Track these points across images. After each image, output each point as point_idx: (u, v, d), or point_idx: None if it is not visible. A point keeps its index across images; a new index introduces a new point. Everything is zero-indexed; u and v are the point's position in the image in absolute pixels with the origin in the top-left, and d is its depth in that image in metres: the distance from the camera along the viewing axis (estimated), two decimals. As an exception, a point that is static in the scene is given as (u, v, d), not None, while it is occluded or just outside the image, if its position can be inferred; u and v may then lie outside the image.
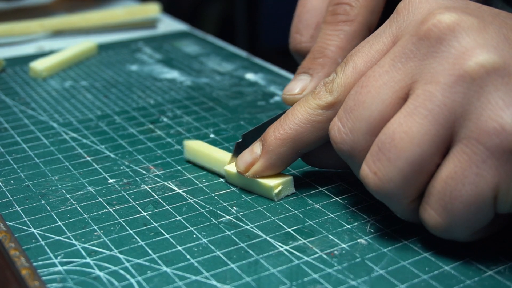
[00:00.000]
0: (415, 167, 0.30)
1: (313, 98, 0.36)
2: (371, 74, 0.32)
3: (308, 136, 0.36)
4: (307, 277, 0.31)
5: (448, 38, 0.30)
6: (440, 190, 0.30)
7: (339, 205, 0.37)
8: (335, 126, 0.33)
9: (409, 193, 0.31)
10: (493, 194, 0.29)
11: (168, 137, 0.46)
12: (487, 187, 0.29)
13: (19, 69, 0.60)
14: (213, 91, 0.55)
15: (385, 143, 0.31)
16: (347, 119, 0.33)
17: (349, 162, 0.34)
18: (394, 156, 0.30)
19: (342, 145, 0.33)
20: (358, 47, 0.35)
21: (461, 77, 0.29)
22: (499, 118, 0.28)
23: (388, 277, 0.31)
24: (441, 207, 0.30)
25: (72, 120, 0.49)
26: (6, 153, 0.43)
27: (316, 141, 0.36)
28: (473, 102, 0.29)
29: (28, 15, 0.74)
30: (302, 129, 0.36)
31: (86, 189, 0.39)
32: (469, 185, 0.29)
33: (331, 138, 0.34)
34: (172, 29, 0.73)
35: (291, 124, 0.36)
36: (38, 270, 0.31)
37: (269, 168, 0.37)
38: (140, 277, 0.31)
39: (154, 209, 0.37)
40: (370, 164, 0.31)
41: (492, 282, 0.30)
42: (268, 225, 0.35)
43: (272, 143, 0.36)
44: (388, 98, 0.31)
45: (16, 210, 0.36)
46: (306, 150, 0.37)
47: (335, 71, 0.35)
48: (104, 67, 0.61)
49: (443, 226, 0.31)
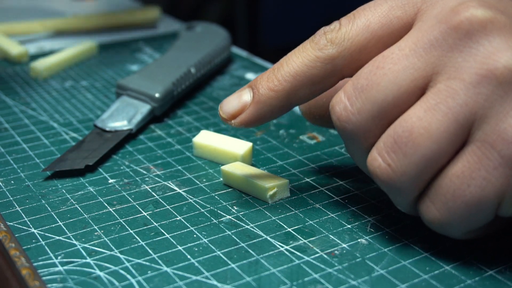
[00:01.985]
0: (429, 163, 0.29)
1: (311, 48, 0.32)
2: (389, 56, 0.30)
3: (303, 90, 0.33)
4: (307, 277, 0.31)
5: (478, 35, 0.29)
6: (444, 186, 0.29)
7: (340, 205, 0.37)
8: (341, 103, 0.31)
9: (418, 187, 0.30)
10: (497, 200, 0.29)
11: (168, 137, 0.46)
12: (493, 192, 0.28)
13: (19, 69, 0.60)
14: (213, 90, 0.55)
15: (402, 136, 0.29)
16: (356, 98, 0.31)
17: (348, 141, 0.32)
18: (411, 151, 0.29)
19: (347, 124, 0.31)
20: (373, 4, 0.32)
21: (487, 78, 0.28)
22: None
23: (388, 277, 0.31)
24: (442, 203, 0.30)
25: (73, 120, 0.49)
26: (6, 153, 0.43)
27: (311, 96, 0.34)
28: (495, 106, 0.28)
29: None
30: (298, 82, 0.33)
31: (86, 189, 0.39)
32: (474, 187, 0.29)
33: (334, 113, 0.32)
34: (172, 29, 0.73)
35: (286, 76, 0.33)
36: (39, 270, 0.31)
37: (257, 119, 0.34)
38: (140, 277, 0.31)
39: (154, 209, 0.37)
40: (383, 155, 0.30)
41: (493, 281, 0.30)
42: (269, 224, 0.35)
43: (264, 94, 0.34)
44: (406, 85, 0.30)
45: (17, 210, 0.36)
46: (299, 104, 0.35)
47: (339, 21, 0.32)
48: (104, 67, 0.61)
49: (440, 221, 0.30)
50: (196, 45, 0.58)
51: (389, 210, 0.36)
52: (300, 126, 0.47)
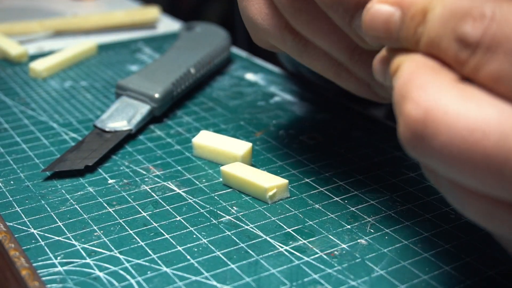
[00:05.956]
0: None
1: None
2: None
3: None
4: (307, 278, 0.31)
5: None
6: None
7: (339, 206, 0.37)
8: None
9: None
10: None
11: (168, 137, 0.46)
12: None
13: (19, 69, 0.60)
14: (213, 91, 0.55)
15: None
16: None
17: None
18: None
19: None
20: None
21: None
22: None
23: (388, 278, 0.31)
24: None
25: (72, 120, 0.49)
26: (6, 154, 0.43)
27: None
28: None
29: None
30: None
31: (86, 189, 0.39)
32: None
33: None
34: (172, 30, 0.73)
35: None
36: (38, 271, 0.31)
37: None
38: (140, 277, 0.31)
39: (154, 209, 0.37)
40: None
41: (493, 282, 0.30)
42: (268, 225, 0.35)
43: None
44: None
45: (16, 210, 0.36)
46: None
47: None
48: (104, 67, 0.61)
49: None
50: (196, 45, 0.58)
51: (389, 211, 0.36)
52: (300, 127, 0.47)
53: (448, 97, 0.22)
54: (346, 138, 0.45)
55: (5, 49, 0.62)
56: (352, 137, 0.46)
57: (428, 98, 0.22)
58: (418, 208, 0.36)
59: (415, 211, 0.36)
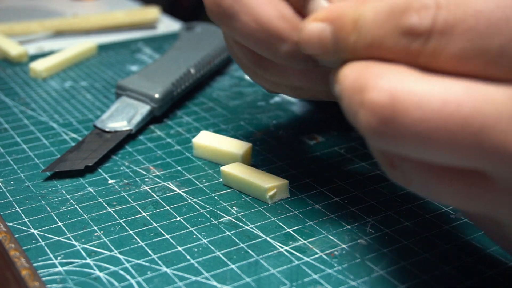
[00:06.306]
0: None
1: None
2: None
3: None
4: (307, 278, 0.31)
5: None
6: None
7: (339, 206, 0.37)
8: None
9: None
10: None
11: (168, 138, 0.46)
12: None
13: (19, 70, 0.60)
14: (213, 91, 0.55)
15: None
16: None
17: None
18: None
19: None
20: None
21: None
22: None
23: (388, 278, 0.31)
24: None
25: (72, 120, 0.49)
26: (6, 154, 0.43)
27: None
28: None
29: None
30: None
31: (86, 189, 0.39)
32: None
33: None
34: (172, 30, 0.73)
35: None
36: (38, 271, 0.31)
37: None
38: (140, 277, 0.31)
39: (154, 209, 0.37)
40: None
41: (493, 282, 0.30)
42: (268, 225, 0.35)
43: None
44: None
45: (16, 210, 0.36)
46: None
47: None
48: (104, 67, 0.61)
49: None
50: (196, 45, 0.58)
51: (389, 211, 0.36)
52: (300, 127, 0.47)
53: (411, 79, 0.23)
54: (346, 138, 0.45)
55: (5, 49, 0.62)
56: (352, 137, 0.46)
57: (390, 82, 0.22)
58: (418, 208, 0.37)
59: (415, 211, 0.36)
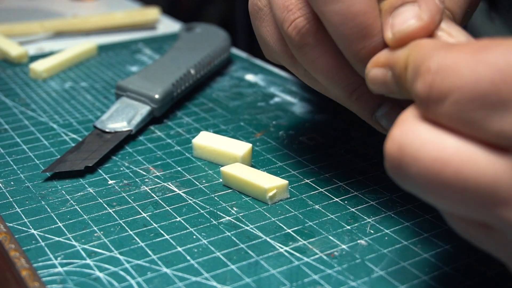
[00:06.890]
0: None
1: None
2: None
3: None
4: (307, 278, 0.31)
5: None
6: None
7: (339, 206, 0.37)
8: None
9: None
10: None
11: (168, 138, 0.46)
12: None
13: (19, 70, 0.60)
14: (213, 92, 0.55)
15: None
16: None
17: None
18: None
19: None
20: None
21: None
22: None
23: (388, 278, 0.31)
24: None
25: (72, 121, 0.49)
26: (6, 154, 0.43)
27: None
28: None
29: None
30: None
31: (86, 190, 0.39)
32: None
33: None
34: (172, 30, 0.73)
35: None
36: (38, 271, 0.31)
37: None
38: (140, 278, 0.31)
39: (154, 210, 0.37)
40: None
41: (493, 282, 0.30)
42: (268, 226, 0.35)
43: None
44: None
45: (16, 211, 0.36)
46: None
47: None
48: (104, 68, 0.61)
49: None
50: (196, 46, 0.58)
51: (388, 211, 0.36)
52: (300, 128, 0.47)
53: (417, 131, 0.25)
54: (346, 139, 0.45)
55: (5, 50, 0.62)
56: (352, 137, 0.46)
57: (402, 133, 0.25)
58: (418, 208, 0.37)
59: (415, 211, 0.36)
